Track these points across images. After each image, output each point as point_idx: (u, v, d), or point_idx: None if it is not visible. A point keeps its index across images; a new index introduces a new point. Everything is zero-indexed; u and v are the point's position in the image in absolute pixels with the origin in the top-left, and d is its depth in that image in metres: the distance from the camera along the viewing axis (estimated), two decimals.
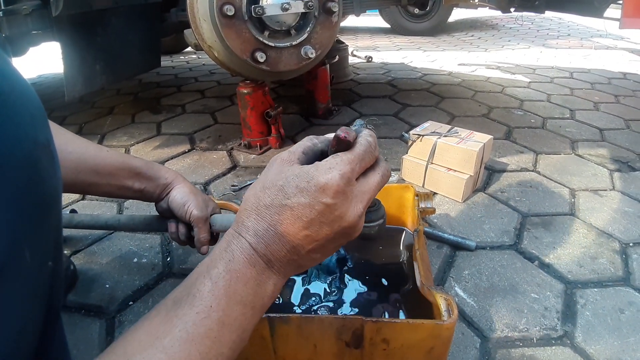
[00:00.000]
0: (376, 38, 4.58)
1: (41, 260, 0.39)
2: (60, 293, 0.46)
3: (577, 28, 5.02)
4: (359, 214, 0.39)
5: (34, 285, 0.39)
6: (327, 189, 0.37)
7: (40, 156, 0.36)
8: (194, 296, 0.36)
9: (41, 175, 0.37)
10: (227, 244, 0.39)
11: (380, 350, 0.61)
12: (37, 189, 0.36)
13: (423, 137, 1.23)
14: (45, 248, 0.40)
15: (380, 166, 0.42)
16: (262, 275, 0.38)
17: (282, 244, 0.38)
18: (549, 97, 2.19)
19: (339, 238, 0.39)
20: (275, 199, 0.38)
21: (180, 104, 2.14)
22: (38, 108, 0.37)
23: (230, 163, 1.47)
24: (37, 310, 0.40)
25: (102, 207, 1.21)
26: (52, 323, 0.45)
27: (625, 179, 1.34)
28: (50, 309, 0.43)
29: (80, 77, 1.33)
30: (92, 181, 0.69)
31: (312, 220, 0.37)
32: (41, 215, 0.38)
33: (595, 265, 0.95)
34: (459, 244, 1.01)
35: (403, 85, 2.39)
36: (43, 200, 0.38)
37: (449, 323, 0.56)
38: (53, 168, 0.39)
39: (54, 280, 0.42)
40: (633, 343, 0.76)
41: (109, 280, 0.92)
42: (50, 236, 0.41)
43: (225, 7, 1.14)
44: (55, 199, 0.41)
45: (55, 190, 0.40)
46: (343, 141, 0.39)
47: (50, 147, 0.39)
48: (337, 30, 1.34)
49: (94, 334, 0.79)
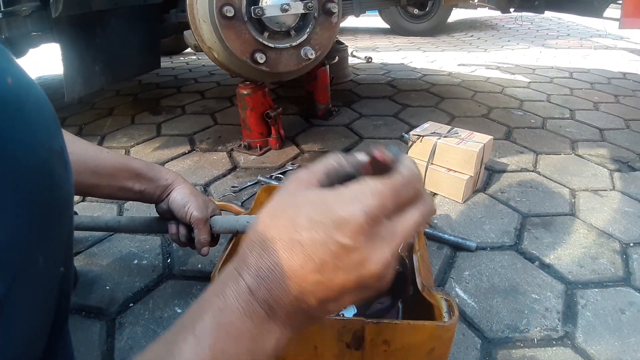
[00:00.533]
0: (376, 38, 4.58)
1: (53, 265, 0.40)
2: (69, 298, 0.47)
3: (577, 28, 5.02)
4: (385, 262, 0.30)
5: (46, 291, 0.39)
6: (345, 227, 0.29)
7: (54, 163, 0.37)
8: (173, 357, 0.30)
9: (55, 181, 0.37)
10: (222, 286, 0.32)
11: (381, 351, 0.61)
12: (51, 195, 0.37)
13: (423, 137, 1.23)
14: (57, 253, 0.40)
15: (423, 202, 0.33)
16: (260, 328, 0.31)
17: (288, 288, 0.30)
18: (548, 97, 2.19)
19: (359, 289, 0.31)
20: (283, 230, 0.30)
21: (180, 105, 2.14)
22: (52, 116, 0.38)
23: (230, 164, 1.47)
24: (47, 315, 0.40)
25: (102, 208, 1.21)
26: (59, 327, 0.45)
27: (625, 179, 1.34)
28: (59, 313, 0.43)
29: (79, 78, 1.33)
30: (92, 182, 0.69)
31: (324, 262, 0.29)
32: (55, 220, 0.38)
33: (596, 266, 0.95)
34: (459, 244, 1.01)
35: (403, 86, 2.39)
36: (57, 206, 0.38)
37: (449, 324, 0.56)
38: (66, 175, 0.40)
39: (63, 285, 0.43)
40: (634, 343, 0.76)
41: (109, 281, 0.92)
42: (62, 241, 0.41)
43: (225, 8, 1.14)
44: (68, 205, 0.41)
45: (68, 196, 0.41)
46: (380, 162, 0.31)
47: (64, 154, 0.39)
48: (337, 31, 1.34)
49: (94, 335, 0.79)
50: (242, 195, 1.26)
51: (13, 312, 0.33)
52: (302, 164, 1.44)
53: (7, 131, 0.30)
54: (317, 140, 1.63)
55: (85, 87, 1.35)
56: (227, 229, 0.77)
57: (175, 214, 0.76)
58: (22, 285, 0.34)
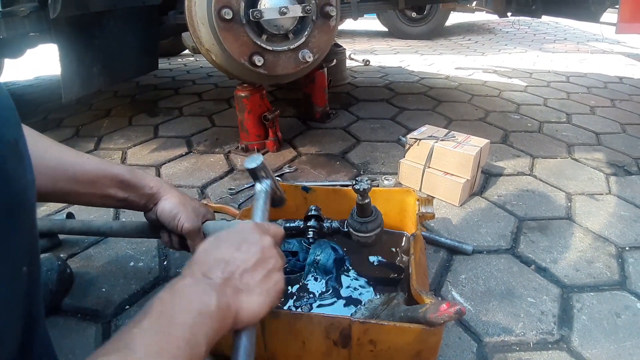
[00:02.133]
0: (374, 41, 4.59)
1: (13, 266, 0.38)
2: (39, 298, 0.45)
3: (574, 32, 5.05)
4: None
5: (6, 293, 0.37)
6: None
7: (5, 155, 0.35)
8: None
9: (7, 175, 0.35)
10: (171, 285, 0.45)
11: (368, 351, 0.61)
12: (2, 189, 0.34)
13: (420, 141, 1.24)
14: (17, 253, 0.38)
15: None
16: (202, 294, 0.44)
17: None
18: (545, 101, 2.20)
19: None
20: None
21: (178, 107, 2.13)
22: (7, 106, 0.36)
23: (228, 166, 1.47)
24: (13, 319, 0.39)
25: (99, 210, 1.21)
26: (32, 330, 0.43)
27: (621, 182, 1.34)
28: (29, 315, 0.41)
29: (77, 79, 1.33)
30: (72, 189, 0.65)
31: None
32: (9, 218, 0.36)
33: (592, 269, 0.96)
34: (456, 248, 1.01)
35: (400, 89, 2.40)
36: (10, 202, 0.36)
37: (435, 329, 0.56)
38: (22, 167, 0.38)
39: (30, 285, 0.41)
40: (629, 347, 0.76)
41: (105, 284, 0.92)
42: (23, 240, 0.39)
43: (224, 10, 1.14)
44: (25, 201, 0.39)
45: (24, 192, 0.38)
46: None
47: (19, 146, 0.37)
48: (335, 34, 1.35)
49: (90, 338, 0.79)
50: (239, 197, 1.26)
51: None
52: (299, 167, 1.44)
53: None
54: (314, 143, 1.64)
55: (82, 88, 1.34)
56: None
57: (165, 225, 0.73)
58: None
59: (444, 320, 0.53)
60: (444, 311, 0.51)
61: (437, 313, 0.52)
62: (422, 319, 0.55)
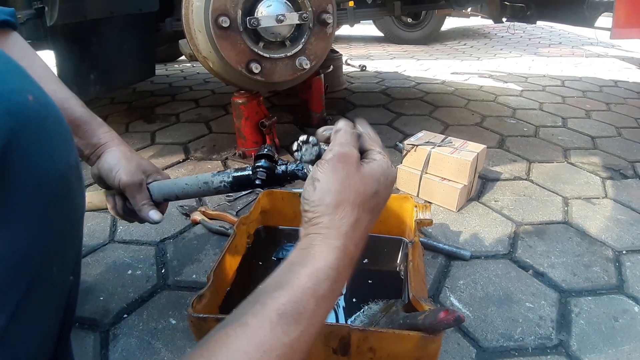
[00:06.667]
0: (370, 47, 4.61)
1: (65, 275, 0.42)
2: (75, 307, 0.49)
3: (569, 36, 5.09)
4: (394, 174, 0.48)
5: (57, 299, 0.41)
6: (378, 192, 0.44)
7: (71, 177, 0.39)
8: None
9: (71, 194, 0.39)
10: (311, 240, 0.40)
11: (367, 358, 0.61)
12: (67, 207, 0.39)
13: (417, 146, 1.24)
14: (69, 263, 0.43)
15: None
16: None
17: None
18: (541, 105, 2.21)
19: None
20: (353, 196, 0.42)
21: (175, 113, 2.13)
22: (68, 132, 0.40)
23: None
24: (55, 324, 0.42)
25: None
26: (64, 338, 0.47)
27: (617, 186, 1.35)
28: (65, 323, 0.45)
29: (74, 86, 1.33)
30: None
31: (377, 205, 0.45)
32: (69, 231, 0.41)
33: (589, 274, 0.96)
34: (453, 253, 1.01)
35: (397, 94, 2.41)
36: (72, 219, 0.41)
37: (435, 336, 0.56)
38: (81, 188, 0.42)
39: (72, 294, 0.45)
40: (627, 351, 0.76)
41: (103, 292, 0.92)
42: (73, 251, 0.44)
43: (221, 18, 1.14)
44: (81, 217, 0.44)
45: (81, 209, 0.43)
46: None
47: (79, 168, 0.42)
48: (332, 41, 1.35)
49: (88, 347, 0.78)
50: (237, 204, 1.26)
51: (27, 318, 0.35)
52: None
53: (31, 146, 0.33)
54: None
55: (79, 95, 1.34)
56: (166, 194, 0.68)
57: (105, 180, 0.66)
58: (36, 293, 0.35)
59: (444, 328, 0.53)
60: (443, 318, 0.51)
61: (436, 320, 0.52)
62: (422, 326, 0.55)
